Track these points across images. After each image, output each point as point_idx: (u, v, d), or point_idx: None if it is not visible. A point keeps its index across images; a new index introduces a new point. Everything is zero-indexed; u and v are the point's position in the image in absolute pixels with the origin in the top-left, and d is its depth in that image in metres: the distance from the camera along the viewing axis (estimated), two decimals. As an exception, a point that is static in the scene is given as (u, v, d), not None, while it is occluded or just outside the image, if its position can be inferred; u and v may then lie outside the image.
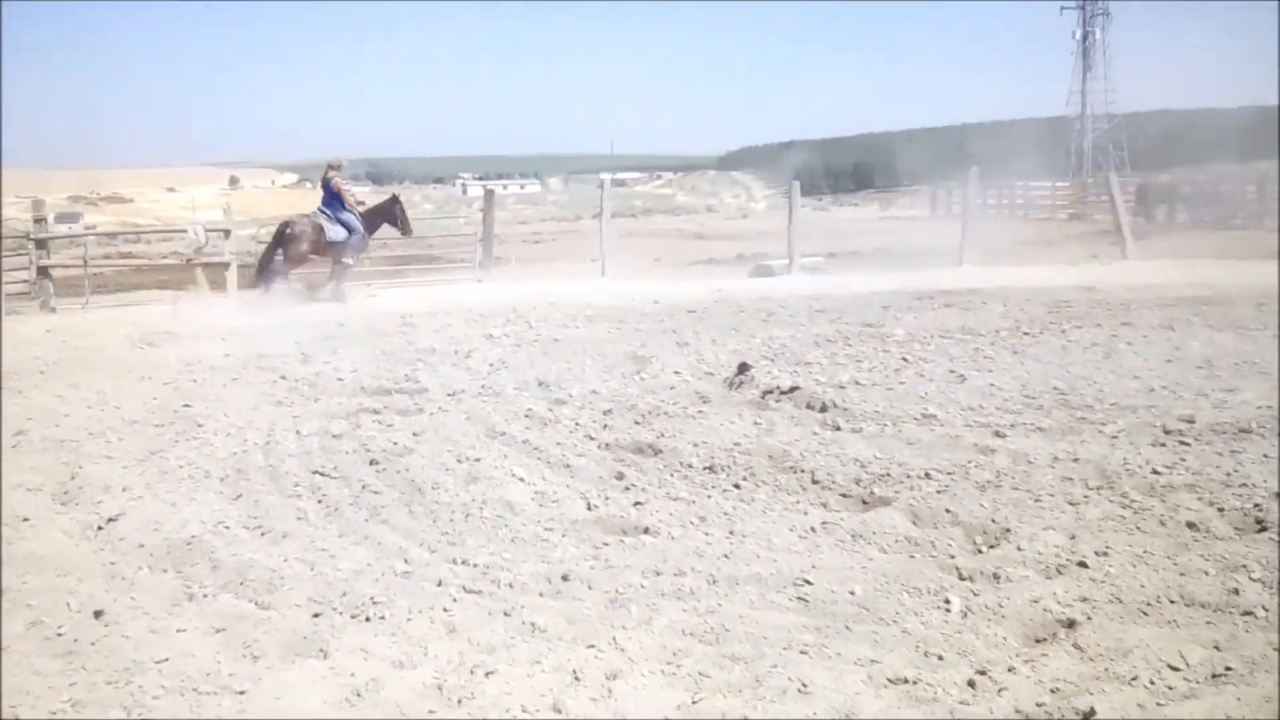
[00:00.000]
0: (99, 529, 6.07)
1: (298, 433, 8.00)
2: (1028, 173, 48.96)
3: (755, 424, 7.77)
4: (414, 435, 7.75)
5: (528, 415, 8.26)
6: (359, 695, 4.04)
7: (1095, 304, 13.88)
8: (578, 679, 4.12)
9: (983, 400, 8.18)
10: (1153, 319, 12.14)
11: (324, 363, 10.84)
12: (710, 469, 6.74)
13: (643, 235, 38.83)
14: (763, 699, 3.91)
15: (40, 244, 17.01)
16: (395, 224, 17.83)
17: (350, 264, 17.45)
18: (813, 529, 5.66)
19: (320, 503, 6.43)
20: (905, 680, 4.01)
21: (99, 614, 4.85)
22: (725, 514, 5.97)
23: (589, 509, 6.14)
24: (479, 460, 7.06)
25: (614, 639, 4.44)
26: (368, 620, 4.72)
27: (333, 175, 17.34)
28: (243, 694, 4.09)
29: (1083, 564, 5.02)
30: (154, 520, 6.12)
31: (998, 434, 7.22)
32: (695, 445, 7.22)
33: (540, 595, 4.95)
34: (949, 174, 39.99)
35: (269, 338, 12.43)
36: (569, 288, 17.53)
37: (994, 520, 5.65)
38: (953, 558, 5.23)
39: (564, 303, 15.36)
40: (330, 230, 16.91)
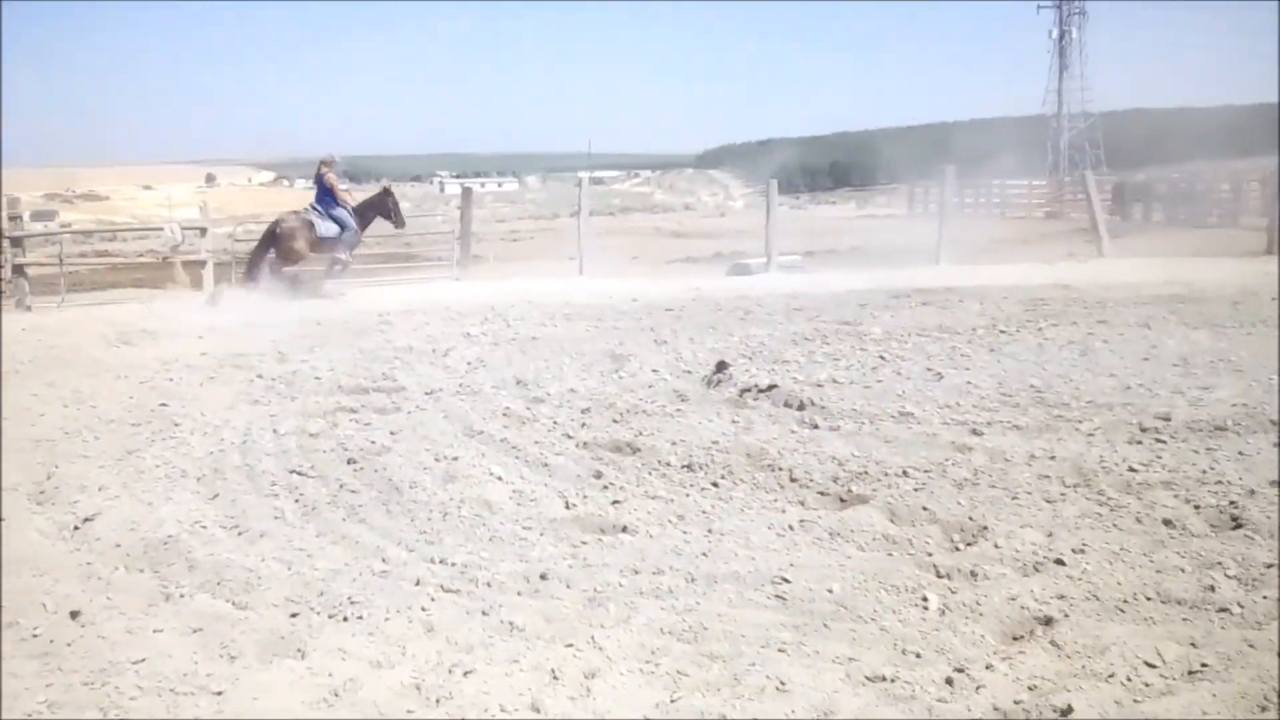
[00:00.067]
0: (75, 529, 6.04)
1: (275, 432, 7.97)
2: (1005, 171, 49.24)
3: (733, 422, 7.77)
4: (391, 434, 7.73)
5: (506, 414, 8.25)
6: (337, 695, 4.03)
7: (1072, 302, 13.92)
8: (556, 678, 4.12)
9: (960, 398, 8.20)
10: (1129, 317, 12.19)
11: (301, 361, 10.80)
12: (688, 467, 6.75)
13: (621, 233, 38.76)
14: (741, 697, 3.92)
15: (15, 242, 16.90)
16: (388, 216, 17.76)
17: (347, 260, 17.37)
18: (791, 527, 5.67)
19: (298, 502, 6.41)
20: (883, 678, 4.02)
21: (75, 614, 4.83)
22: (703, 512, 5.98)
23: (567, 508, 6.14)
24: (457, 459, 7.05)
25: (592, 638, 4.44)
26: (345, 620, 4.71)
27: (326, 171, 17.24)
28: (220, 694, 4.07)
29: (1060, 561, 5.04)
30: (130, 520, 6.10)
31: (975, 432, 7.25)
32: (673, 444, 7.22)
33: (518, 594, 4.95)
34: (926, 172, 40.11)
35: (246, 336, 12.36)
36: (547, 286, 17.48)
37: (971, 518, 5.67)
38: (930, 556, 5.25)
39: (542, 301, 15.32)
40: (321, 226, 16.82)
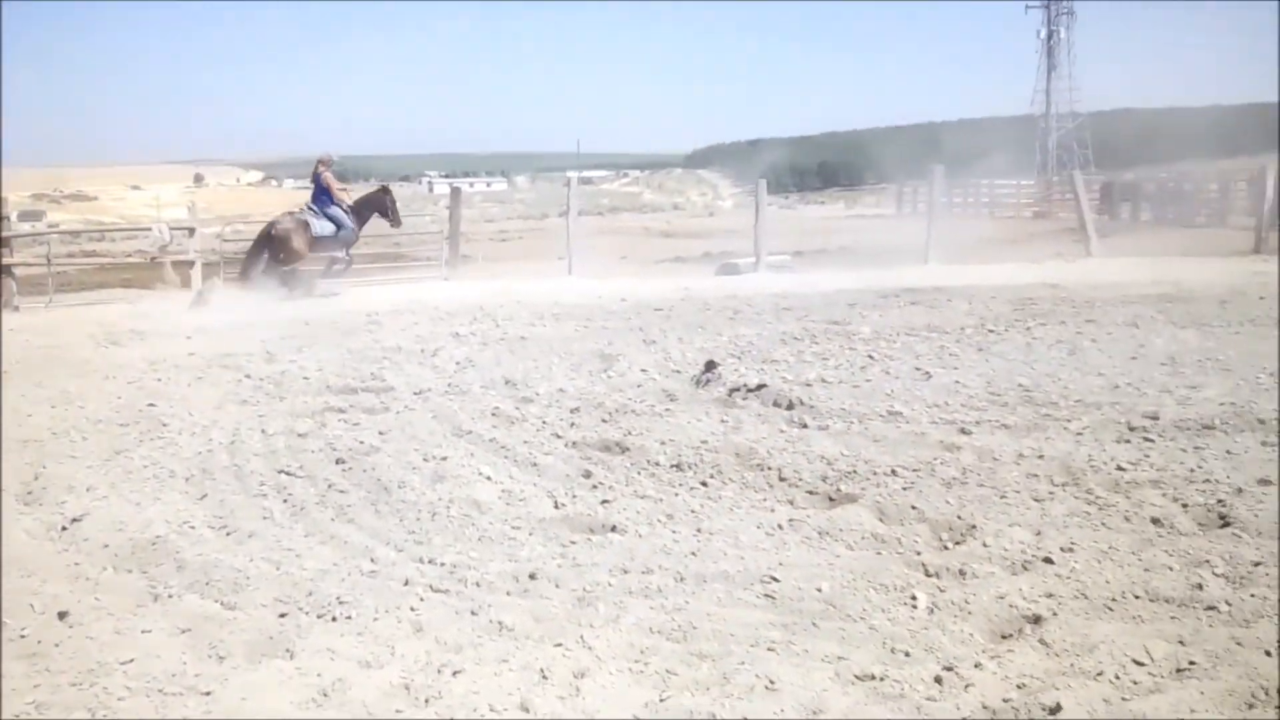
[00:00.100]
0: (63, 529, 6.01)
1: (263, 432, 7.95)
2: (994, 171, 49.40)
3: (722, 422, 7.77)
4: (380, 434, 7.71)
5: (494, 414, 8.24)
6: (325, 695, 4.02)
7: (1060, 301, 13.97)
8: (545, 678, 4.11)
9: (948, 397, 8.21)
10: (1117, 316, 12.23)
11: (289, 361, 10.77)
12: (677, 467, 6.74)
13: (610, 233, 38.78)
14: (730, 696, 3.91)
15: (3, 242, 16.86)
16: (385, 215, 17.75)
17: (347, 259, 17.34)
18: (780, 526, 5.67)
19: (286, 502, 6.39)
20: (872, 677, 4.02)
21: (63, 615, 4.80)
22: (692, 512, 5.97)
23: (556, 507, 6.13)
24: (445, 459, 7.03)
25: (581, 637, 4.43)
26: (334, 620, 4.69)
27: (323, 170, 17.22)
28: (208, 695, 4.05)
29: (1048, 560, 5.04)
30: (119, 520, 6.07)
31: (963, 431, 7.26)
32: (662, 443, 7.22)
33: (507, 594, 4.93)
34: (915, 172, 40.21)
35: (234, 336, 12.34)
36: (536, 286, 17.48)
37: (960, 517, 5.67)
38: (919, 554, 5.25)
39: (531, 301, 15.32)
40: (316, 226, 16.80)
